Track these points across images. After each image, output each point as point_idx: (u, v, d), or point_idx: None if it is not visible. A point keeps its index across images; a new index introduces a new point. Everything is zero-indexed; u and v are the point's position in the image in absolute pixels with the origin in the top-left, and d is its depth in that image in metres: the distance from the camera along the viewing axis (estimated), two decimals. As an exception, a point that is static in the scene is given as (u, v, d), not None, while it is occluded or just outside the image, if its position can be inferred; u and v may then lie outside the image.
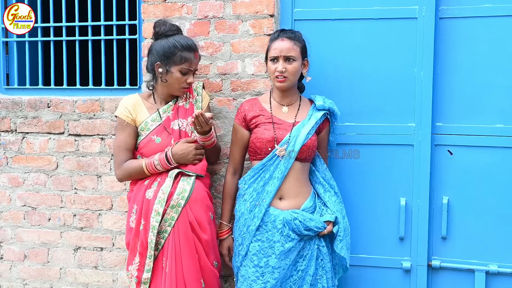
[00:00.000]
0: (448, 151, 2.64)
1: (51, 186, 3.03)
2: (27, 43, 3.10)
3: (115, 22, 2.97)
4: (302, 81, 2.53)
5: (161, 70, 2.42)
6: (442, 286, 2.69)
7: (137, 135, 2.50)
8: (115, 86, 3.00)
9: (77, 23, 3.03)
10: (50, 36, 3.09)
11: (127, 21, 2.94)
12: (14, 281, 3.12)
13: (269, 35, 2.58)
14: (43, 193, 3.04)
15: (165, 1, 2.79)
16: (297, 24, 2.73)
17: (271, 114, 2.43)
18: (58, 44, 3.16)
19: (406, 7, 2.62)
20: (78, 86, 3.05)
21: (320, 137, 2.47)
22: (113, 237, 2.96)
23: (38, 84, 3.14)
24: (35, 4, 3.09)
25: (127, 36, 2.96)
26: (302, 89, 2.55)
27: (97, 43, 3.10)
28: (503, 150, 2.58)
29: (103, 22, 2.99)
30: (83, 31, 3.06)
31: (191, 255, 2.36)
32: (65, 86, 3.06)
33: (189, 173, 2.42)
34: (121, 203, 2.92)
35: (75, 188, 3.00)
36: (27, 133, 3.05)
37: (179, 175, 2.42)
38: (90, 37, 3.02)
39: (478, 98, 2.60)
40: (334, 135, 2.55)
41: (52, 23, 3.09)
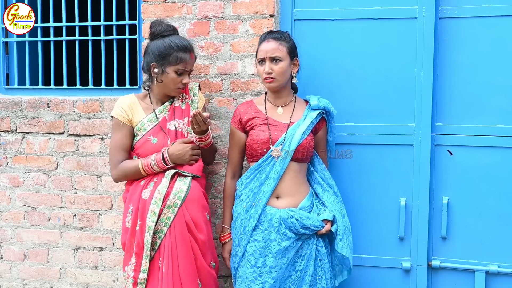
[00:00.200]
0: (448, 151, 2.64)
1: (51, 186, 3.03)
2: (27, 43, 3.10)
3: (115, 22, 2.97)
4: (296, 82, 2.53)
5: (156, 70, 2.42)
6: (442, 286, 2.69)
7: (133, 135, 2.49)
8: (115, 86, 3.00)
9: (77, 23, 3.03)
10: (50, 36, 3.09)
11: (127, 21, 2.94)
12: (14, 281, 3.12)
13: (269, 35, 2.58)
14: (43, 193, 3.04)
15: (165, 1, 2.79)
16: (297, 24, 2.73)
17: (266, 116, 2.43)
18: (58, 44, 3.16)
19: (406, 7, 2.62)
20: (78, 86, 3.05)
21: (317, 137, 2.47)
22: (113, 237, 2.96)
23: (38, 84, 3.14)
24: (35, 4, 3.09)
25: (127, 36, 2.96)
26: (296, 90, 2.54)
27: (97, 43, 3.10)
28: (503, 150, 2.58)
29: (103, 22, 2.99)
30: (83, 31, 3.06)
31: (187, 255, 2.35)
32: (65, 86, 3.06)
33: (186, 174, 2.42)
34: (121, 203, 2.91)
35: (75, 188, 3.00)
36: (27, 133, 3.05)
37: (175, 175, 2.42)
38: (90, 37, 3.02)
39: (478, 98, 2.60)
40: (332, 135, 2.53)
41: (52, 23, 3.09)
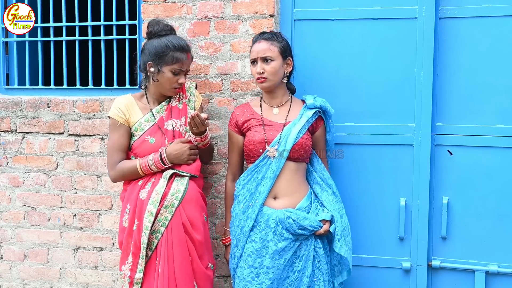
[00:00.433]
0: (448, 151, 2.64)
1: (51, 186, 3.03)
2: (27, 43, 3.10)
3: (115, 22, 2.97)
4: (295, 83, 2.52)
5: (152, 69, 2.42)
6: (442, 286, 2.69)
7: (130, 135, 2.49)
8: (115, 86, 3.00)
9: (77, 23, 3.03)
10: (50, 36, 3.09)
11: (127, 21, 2.94)
12: (14, 281, 3.12)
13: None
14: (43, 193, 3.04)
15: (165, 1, 2.79)
16: (297, 24, 2.73)
17: (261, 117, 2.43)
18: (58, 44, 3.16)
19: (406, 7, 2.62)
20: (78, 86, 3.05)
21: (315, 136, 2.46)
22: (113, 237, 2.96)
23: (38, 84, 3.14)
24: (35, 4, 3.09)
25: (127, 36, 2.96)
26: (293, 90, 2.53)
27: (97, 43, 3.10)
28: (503, 150, 2.58)
29: (103, 22, 2.99)
30: (83, 31, 3.06)
31: (183, 256, 2.35)
32: (65, 86, 3.06)
33: (183, 174, 2.41)
34: (121, 203, 2.91)
35: (75, 188, 3.00)
36: (27, 133, 3.05)
37: (173, 176, 2.42)
38: (90, 37, 3.02)
39: (478, 98, 2.60)
40: (331, 134, 2.52)
41: (52, 23, 3.09)
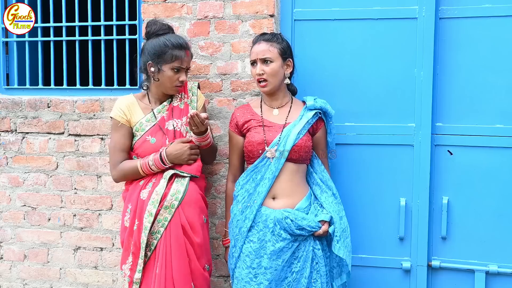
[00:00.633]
0: (448, 151, 2.64)
1: (51, 186, 3.03)
2: (27, 43, 3.10)
3: (115, 22, 2.97)
4: (295, 83, 2.52)
5: (153, 69, 2.42)
6: (442, 286, 2.69)
7: (132, 135, 2.49)
8: (115, 86, 3.00)
9: (77, 23, 3.03)
10: (50, 36, 3.09)
11: (127, 21, 2.94)
12: (14, 281, 3.12)
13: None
14: (43, 193, 3.04)
15: (165, 1, 2.79)
16: (297, 24, 2.73)
17: (261, 118, 2.42)
18: (58, 44, 3.16)
19: (406, 7, 2.62)
20: (78, 86, 3.05)
21: (316, 138, 2.45)
22: (113, 237, 2.96)
23: (38, 84, 3.13)
24: (35, 4, 3.09)
25: (127, 36, 2.96)
26: (295, 91, 2.53)
27: (97, 43, 3.10)
28: (503, 150, 2.58)
29: (103, 22, 2.99)
30: (83, 31, 3.06)
31: (181, 257, 2.35)
32: (65, 86, 3.06)
33: (184, 174, 2.41)
34: (121, 203, 2.91)
35: (75, 188, 3.00)
36: (27, 133, 3.05)
37: (173, 176, 2.41)
38: (90, 37, 3.02)
39: (478, 98, 2.60)
40: (331, 136, 2.51)
41: (52, 23, 3.09)
